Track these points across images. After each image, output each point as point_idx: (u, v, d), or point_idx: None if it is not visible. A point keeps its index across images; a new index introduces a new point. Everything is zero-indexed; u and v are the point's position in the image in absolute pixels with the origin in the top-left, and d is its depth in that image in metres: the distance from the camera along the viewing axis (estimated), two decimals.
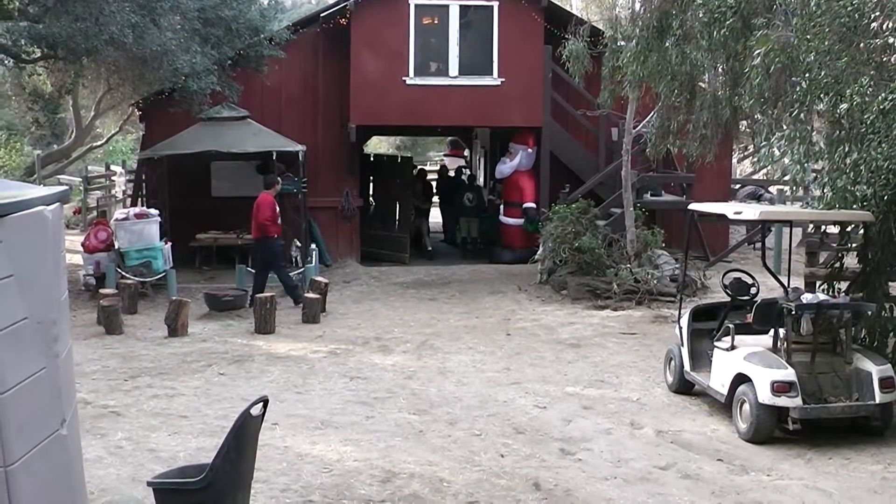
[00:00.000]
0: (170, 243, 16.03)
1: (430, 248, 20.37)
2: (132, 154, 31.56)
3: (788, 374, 8.20)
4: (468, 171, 26.94)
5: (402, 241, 19.65)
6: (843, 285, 9.87)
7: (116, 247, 15.59)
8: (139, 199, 18.82)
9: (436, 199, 23.91)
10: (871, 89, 8.09)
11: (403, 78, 18.00)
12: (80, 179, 25.88)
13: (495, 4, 18.04)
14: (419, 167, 25.23)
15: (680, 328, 9.94)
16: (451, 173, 24.44)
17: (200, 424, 8.61)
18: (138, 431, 8.36)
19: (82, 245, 16.04)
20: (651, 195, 18.30)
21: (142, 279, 14.94)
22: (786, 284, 9.53)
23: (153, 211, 15.92)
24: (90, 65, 16.95)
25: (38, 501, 3.79)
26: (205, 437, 8.21)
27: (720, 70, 11.62)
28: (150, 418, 8.80)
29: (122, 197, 25.55)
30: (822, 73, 8.41)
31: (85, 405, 8.99)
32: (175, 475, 5.81)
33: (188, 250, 17.61)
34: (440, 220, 23.91)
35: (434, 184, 24.04)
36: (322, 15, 18.49)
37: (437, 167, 27.37)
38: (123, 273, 14.88)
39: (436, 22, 18.28)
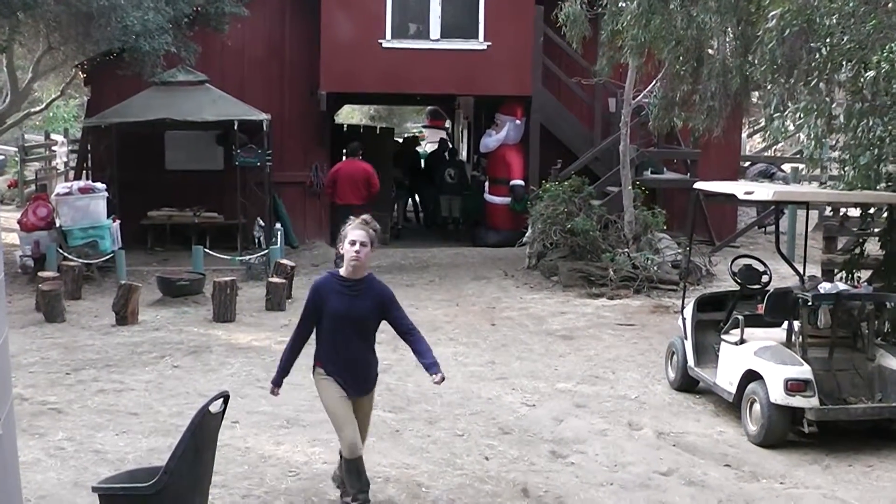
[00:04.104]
0: (118, 221, 15.92)
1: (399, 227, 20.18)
2: (75, 121, 31.28)
3: (804, 371, 8.19)
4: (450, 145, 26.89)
5: (380, 221, 19.53)
6: (865, 274, 9.88)
7: (58, 225, 15.48)
8: (84, 172, 18.67)
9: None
10: None
11: (380, 40, 17.91)
12: (16, 149, 25.60)
13: None
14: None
15: (683, 319, 9.95)
16: (424, 147, 24.41)
17: (152, 423, 8.55)
18: (82, 431, 8.28)
19: (19, 223, 15.89)
20: (652, 172, 18.32)
21: (87, 261, 14.80)
22: (801, 272, 9.54)
23: (100, 185, 15.78)
24: (27, 20, 16.68)
25: None
26: (157, 436, 8.15)
27: (730, 35, 11.60)
28: (96, 416, 8.73)
29: (65, 169, 25.36)
30: (845, 39, 8.39)
31: (21, 401, 8.90)
32: (124, 479, 5.76)
33: (139, 229, 17.53)
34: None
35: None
36: None
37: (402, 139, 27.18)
38: (66, 254, 14.76)
39: None
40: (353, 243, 6.28)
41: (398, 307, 6.48)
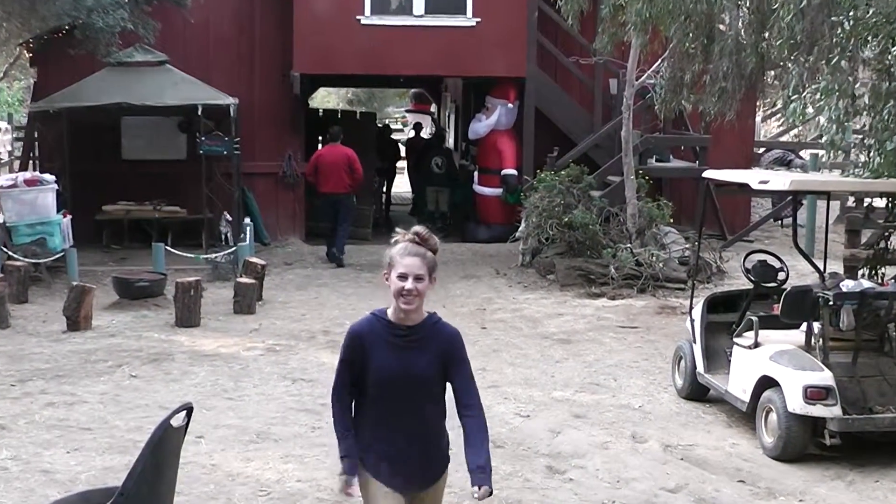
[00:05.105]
0: (69, 216, 15.83)
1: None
2: (21, 106, 31.11)
3: (825, 377, 8.17)
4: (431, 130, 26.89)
5: (361, 215, 19.52)
6: (891, 270, 9.89)
7: (2, 221, 15.36)
8: (30, 162, 18.60)
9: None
10: None
11: (358, 17, 17.88)
12: None
13: None
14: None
15: (692, 321, 9.94)
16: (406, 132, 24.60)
17: (107, 438, 8.49)
18: (28, 448, 8.22)
19: None
20: (657, 160, 18.33)
21: (34, 260, 14.73)
22: (821, 269, 9.52)
23: (48, 177, 15.72)
24: None
25: None
26: (113, 454, 8.10)
27: (744, 9, 11.60)
28: (44, 432, 8.66)
29: (9, 159, 25.19)
30: (870, 11, 8.38)
31: None
32: (75, 502, 5.70)
33: (93, 225, 17.47)
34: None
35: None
36: None
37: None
38: (11, 253, 14.66)
39: None
40: (403, 277, 4.85)
41: (465, 363, 4.87)
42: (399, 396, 4.76)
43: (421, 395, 4.80)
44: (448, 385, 4.88)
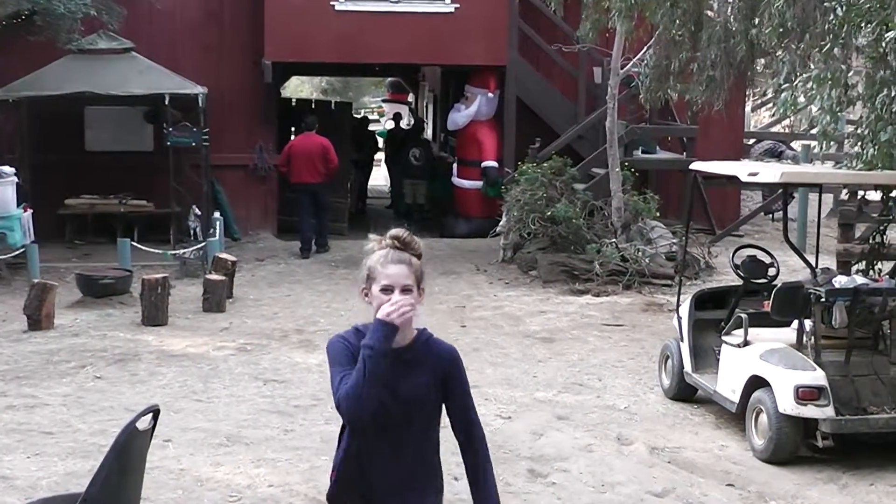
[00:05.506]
0: (30, 211, 15.74)
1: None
2: None
3: (817, 376, 8.19)
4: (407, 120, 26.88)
5: (336, 208, 19.50)
6: (886, 266, 9.90)
7: None
8: None
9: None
10: None
11: (332, 3, 17.86)
12: None
13: None
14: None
15: (679, 319, 9.95)
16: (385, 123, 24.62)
17: (70, 443, 8.45)
18: None
19: None
20: (643, 152, 18.34)
21: None
22: (813, 264, 9.54)
23: (7, 169, 15.58)
24: None
25: None
26: (76, 458, 8.06)
27: None
28: (3, 436, 8.61)
29: None
30: None
31: None
32: None
33: (55, 219, 17.38)
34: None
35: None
36: None
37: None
38: None
39: None
40: (387, 290, 4.15)
41: (463, 383, 4.30)
42: (386, 427, 4.13)
43: (412, 424, 4.20)
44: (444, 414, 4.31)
